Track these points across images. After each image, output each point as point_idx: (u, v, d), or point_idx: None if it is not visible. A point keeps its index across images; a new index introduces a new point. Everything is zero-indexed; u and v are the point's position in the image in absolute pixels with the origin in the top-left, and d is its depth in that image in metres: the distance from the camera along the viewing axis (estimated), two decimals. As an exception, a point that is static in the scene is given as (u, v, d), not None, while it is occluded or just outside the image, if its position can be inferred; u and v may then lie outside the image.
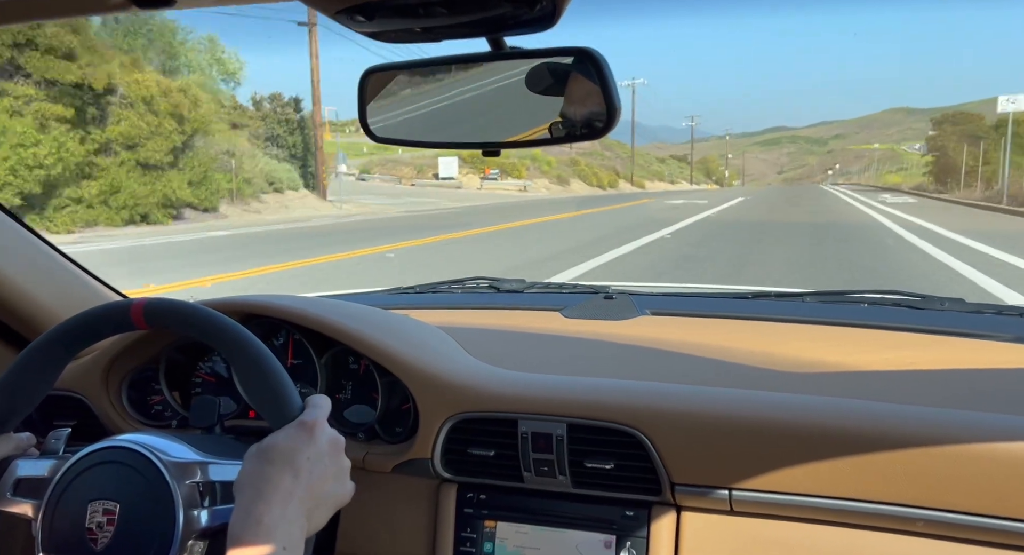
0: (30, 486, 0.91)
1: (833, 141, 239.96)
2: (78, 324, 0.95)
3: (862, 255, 10.47)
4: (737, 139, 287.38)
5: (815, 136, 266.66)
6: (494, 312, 1.66)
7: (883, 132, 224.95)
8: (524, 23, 0.70)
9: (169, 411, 1.34)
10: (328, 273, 9.15)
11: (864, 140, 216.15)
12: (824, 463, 0.99)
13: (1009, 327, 1.37)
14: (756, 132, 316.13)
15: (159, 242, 13.96)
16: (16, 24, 0.89)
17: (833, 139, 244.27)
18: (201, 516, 0.87)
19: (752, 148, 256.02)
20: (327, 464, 0.87)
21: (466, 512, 1.18)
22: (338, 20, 0.70)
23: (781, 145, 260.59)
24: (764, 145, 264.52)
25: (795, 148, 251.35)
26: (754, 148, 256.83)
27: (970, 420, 0.98)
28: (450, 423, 1.16)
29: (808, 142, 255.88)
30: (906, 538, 0.98)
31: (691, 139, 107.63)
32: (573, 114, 0.82)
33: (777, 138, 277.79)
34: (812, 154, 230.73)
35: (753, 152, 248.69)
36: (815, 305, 1.58)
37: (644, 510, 1.10)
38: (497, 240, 13.66)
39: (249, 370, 0.91)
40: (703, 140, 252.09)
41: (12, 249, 1.32)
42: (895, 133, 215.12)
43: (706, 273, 8.80)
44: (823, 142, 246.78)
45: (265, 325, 1.29)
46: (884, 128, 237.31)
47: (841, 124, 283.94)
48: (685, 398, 1.09)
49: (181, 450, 0.91)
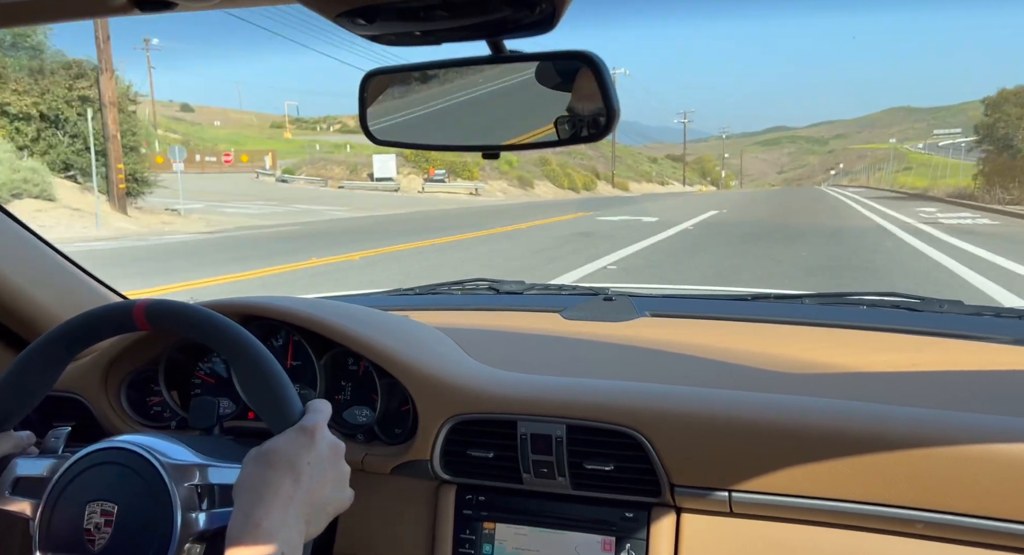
0: (29, 485, 0.91)
1: (834, 141, 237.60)
2: (80, 324, 0.95)
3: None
4: (737, 139, 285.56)
5: (816, 136, 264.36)
6: (494, 313, 1.66)
7: (884, 131, 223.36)
8: (524, 27, 0.70)
9: (168, 412, 1.34)
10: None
11: (866, 140, 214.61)
12: (823, 465, 0.99)
13: (1008, 329, 1.37)
14: (756, 132, 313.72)
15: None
16: (16, 26, 0.89)
17: (834, 139, 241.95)
18: (199, 519, 0.87)
19: (752, 148, 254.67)
20: (327, 470, 0.87)
21: (465, 513, 1.18)
22: (339, 23, 0.70)
23: (781, 145, 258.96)
24: (764, 145, 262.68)
25: (795, 148, 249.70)
26: (754, 148, 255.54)
27: (969, 422, 0.98)
28: (449, 424, 1.16)
29: (809, 142, 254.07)
30: (905, 540, 0.98)
31: (684, 139, 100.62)
32: (572, 117, 0.83)
33: (777, 138, 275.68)
34: (813, 154, 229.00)
35: (753, 152, 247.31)
36: (814, 307, 1.58)
37: (644, 512, 1.10)
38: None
39: (250, 373, 0.91)
40: (702, 140, 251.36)
41: (12, 250, 1.32)
42: (896, 132, 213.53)
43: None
44: (824, 142, 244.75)
45: (264, 326, 1.29)
46: (885, 128, 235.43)
47: (842, 124, 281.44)
48: (685, 400, 1.09)
49: (180, 452, 0.91)
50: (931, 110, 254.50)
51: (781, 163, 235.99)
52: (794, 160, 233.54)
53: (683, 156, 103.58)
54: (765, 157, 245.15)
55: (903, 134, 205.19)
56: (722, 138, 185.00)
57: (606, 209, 25.02)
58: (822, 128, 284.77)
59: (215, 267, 10.20)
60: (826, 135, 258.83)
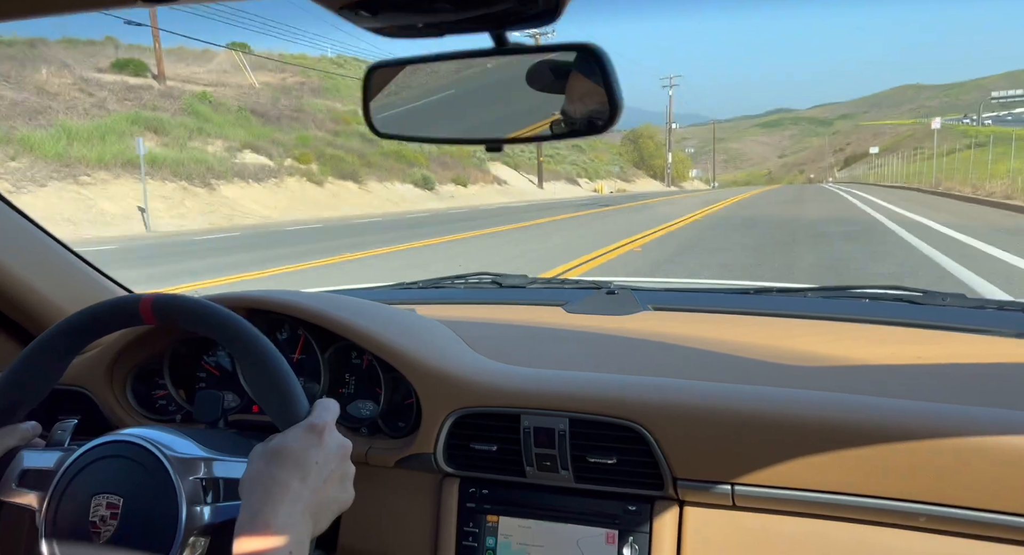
0: (35, 477, 0.92)
1: (839, 121, 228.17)
2: (87, 318, 0.95)
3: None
4: (736, 122, 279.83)
5: (819, 117, 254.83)
6: (497, 307, 1.66)
7: (894, 111, 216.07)
8: (527, 18, 0.70)
9: (173, 405, 1.35)
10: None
11: (875, 118, 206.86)
12: (826, 458, 0.99)
13: (1011, 322, 1.37)
14: (757, 115, 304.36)
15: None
16: (18, 19, 0.89)
17: (839, 119, 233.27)
18: (204, 512, 0.87)
19: (752, 130, 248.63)
20: (334, 469, 0.87)
21: (468, 507, 1.18)
22: (342, 15, 0.70)
23: (783, 127, 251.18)
24: (765, 127, 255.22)
25: (797, 130, 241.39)
26: (754, 130, 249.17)
27: (972, 415, 0.98)
28: (453, 418, 1.16)
29: (811, 123, 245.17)
30: (908, 533, 0.98)
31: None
32: (576, 109, 0.83)
33: (779, 119, 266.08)
34: (816, 135, 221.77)
35: (753, 135, 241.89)
36: (817, 300, 1.58)
37: (647, 505, 1.10)
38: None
39: (256, 368, 0.91)
40: (701, 124, 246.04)
41: (18, 244, 1.32)
42: (907, 111, 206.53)
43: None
44: (828, 123, 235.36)
45: (269, 320, 1.30)
46: (895, 106, 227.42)
47: (847, 104, 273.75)
48: (687, 393, 1.09)
49: (185, 445, 0.92)
50: (944, 87, 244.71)
51: (783, 146, 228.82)
52: (796, 142, 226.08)
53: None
54: (766, 140, 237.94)
55: (915, 112, 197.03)
56: (709, 124, 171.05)
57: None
58: (826, 109, 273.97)
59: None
60: (830, 116, 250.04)
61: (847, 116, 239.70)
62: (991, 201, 20.59)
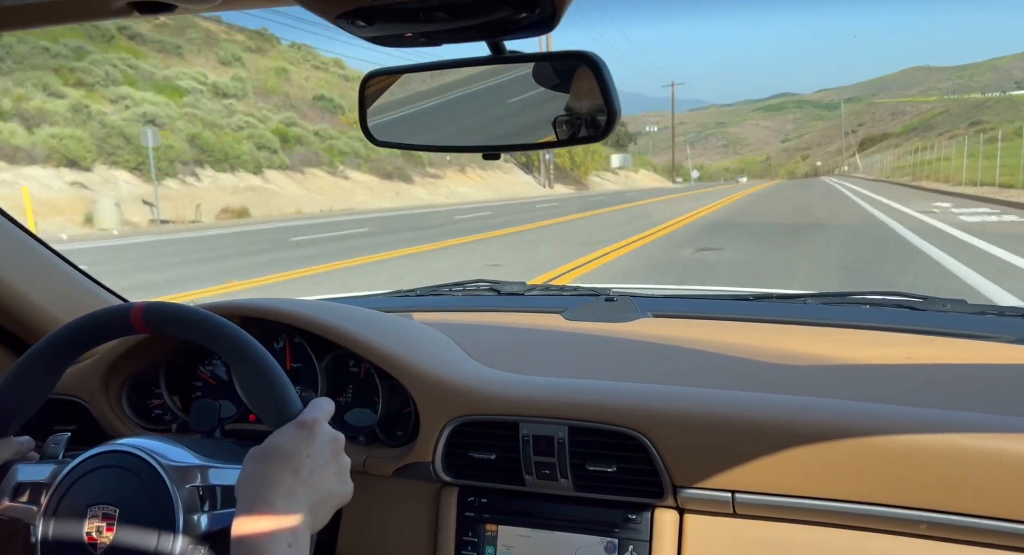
0: (29, 491, 0.91)
1: (846, 104, 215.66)
2: (79, 328, 0.94)
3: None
4: (738, 106, 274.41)
5: (824, 100, 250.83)
6: (495, 315, 1.66)
7: (904, 92, 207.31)
8: (524, 27, 0.70)
9: (169, 415, 1.34)
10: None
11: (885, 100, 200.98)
12: (827, 465, 0.98)
13: (1011, 328, 1.36)
14: (760, 99, 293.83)
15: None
16: (18, 30, 0.88)
17: (846, 103, 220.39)
18: (201, 520, 0.87)
19: (754, 115, 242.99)
20: (328, 461, 0.87)
21: (467, 516, 1.18)
22: (338, 25, 0.69)
23: (786, 111, 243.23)
24: (767, 111, 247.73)
25: (801, 114, 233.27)
26: (756, 115, 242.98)
27: (973, 421, 0.97)
28: (451, 426, 1.16)
29: (816, 107, 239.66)
30: (909, 540, 0.98)
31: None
32: (572, 117, 0.82)
33: (782, 103, 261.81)
34: (821, 119, 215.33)
35: (755, 119, 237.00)
36: (817, 307, 1.58)
37: (647, 513, 1.10)
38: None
39: (249, 373, 0.90)
40: (702, 108, 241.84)
41: (11, 253, 1.32)
42: (918, 93, 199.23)
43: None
44: (833, 106, 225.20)
45: (265, 328, 1.29)
46: (904, 89, 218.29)
47: (853, 87, 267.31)
48: (687, 400, 1.09)
49: (181, 454, 0.91)
50: (955, 68, 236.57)
51: (785, 130, 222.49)
52: (799, 126, 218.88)
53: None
54: (768, 124, 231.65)
55: (925, 93, 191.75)
56: (708, 108, 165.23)
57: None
58: (831, 92, 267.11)
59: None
60: (836, 99, 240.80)
61: (854, 99, 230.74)
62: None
